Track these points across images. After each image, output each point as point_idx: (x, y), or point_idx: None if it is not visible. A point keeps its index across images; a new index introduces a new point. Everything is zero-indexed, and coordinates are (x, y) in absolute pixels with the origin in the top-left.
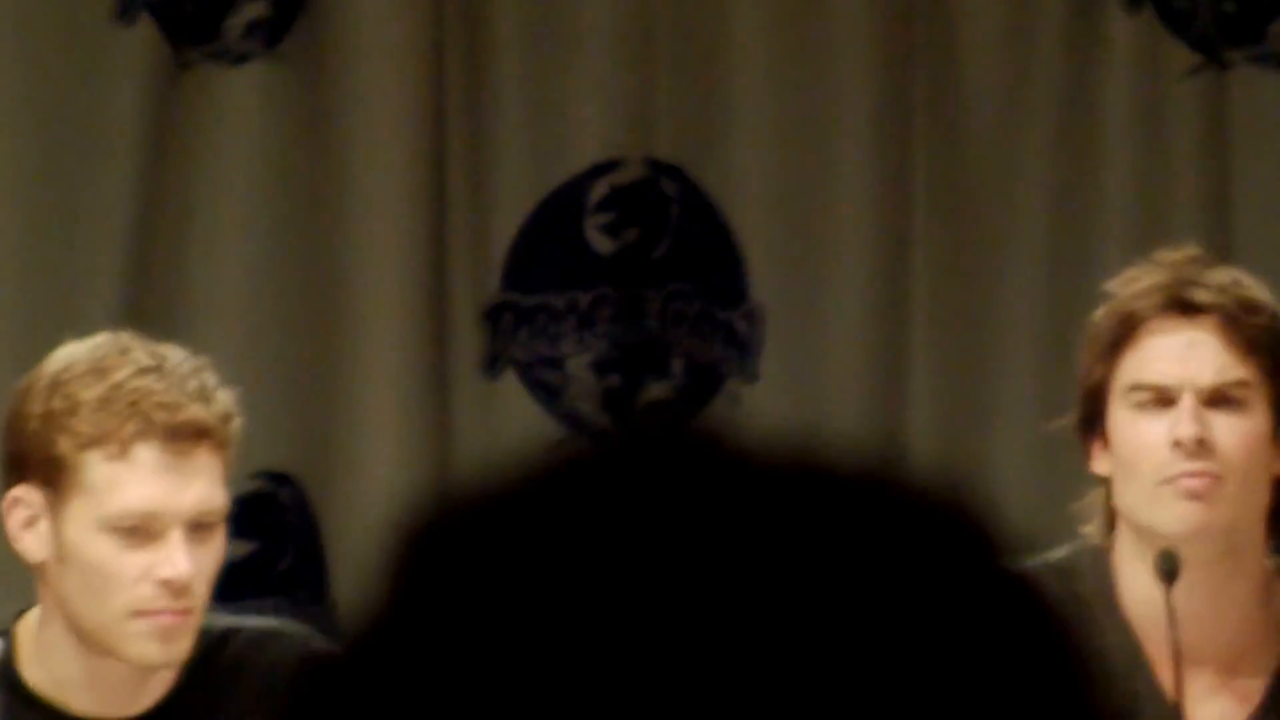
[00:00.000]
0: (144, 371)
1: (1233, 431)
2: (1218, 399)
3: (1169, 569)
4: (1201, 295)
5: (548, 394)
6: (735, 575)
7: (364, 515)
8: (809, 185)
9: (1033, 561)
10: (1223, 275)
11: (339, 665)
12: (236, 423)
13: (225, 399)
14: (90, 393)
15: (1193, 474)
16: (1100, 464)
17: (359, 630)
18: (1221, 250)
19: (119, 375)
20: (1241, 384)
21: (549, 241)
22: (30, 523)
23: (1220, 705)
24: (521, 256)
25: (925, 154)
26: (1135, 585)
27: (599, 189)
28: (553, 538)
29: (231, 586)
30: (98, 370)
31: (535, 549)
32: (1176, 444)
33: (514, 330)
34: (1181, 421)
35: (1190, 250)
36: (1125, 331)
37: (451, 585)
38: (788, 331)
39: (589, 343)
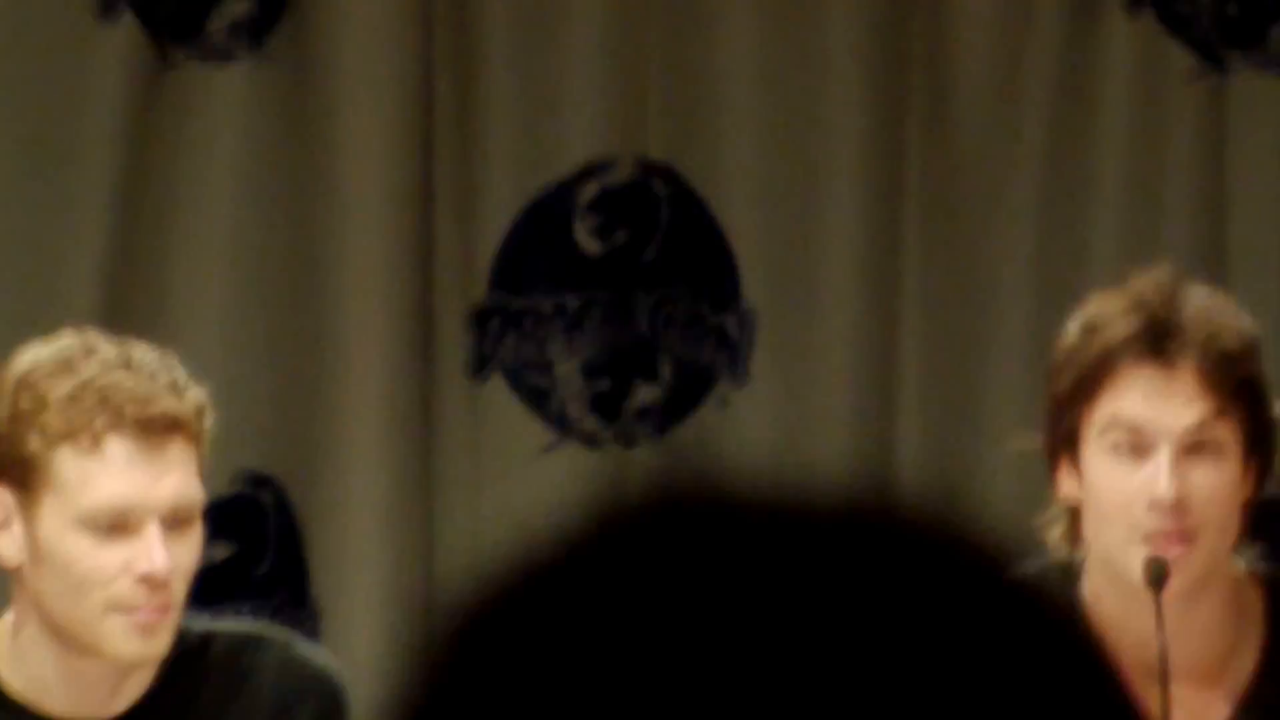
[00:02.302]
0: (112, 366)
1: (1209, 482)
2: (1195, 447)
3: (1158, 576)
4: (1180, 342)
5: (536, 397)
6: (733, 607)
7: (347, 518)
8: (801, 186)
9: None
10: (1201, 312)
11: None
12: (209, 416)
13: (196, 392)
14: (59, 389)
15: (1168, 534)
16: (1068, 487)
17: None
18: (1216, 254)
19: (87, 370)
20: (1218, 429)
21: (537, 244)
22: (2, 525)
23: (1193, 717)
24: (510, 259)
25: (918, 155)
26: (1104, 603)
27: (589, 190)
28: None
29: (212, 589)
30: (65, 367)
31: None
32: (1153, 503)
33: (501, 333)
34: (1159, 478)
35: (1165, 278)
36: (1102, 372)
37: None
38: (779, 333)
39: (578, 346)
